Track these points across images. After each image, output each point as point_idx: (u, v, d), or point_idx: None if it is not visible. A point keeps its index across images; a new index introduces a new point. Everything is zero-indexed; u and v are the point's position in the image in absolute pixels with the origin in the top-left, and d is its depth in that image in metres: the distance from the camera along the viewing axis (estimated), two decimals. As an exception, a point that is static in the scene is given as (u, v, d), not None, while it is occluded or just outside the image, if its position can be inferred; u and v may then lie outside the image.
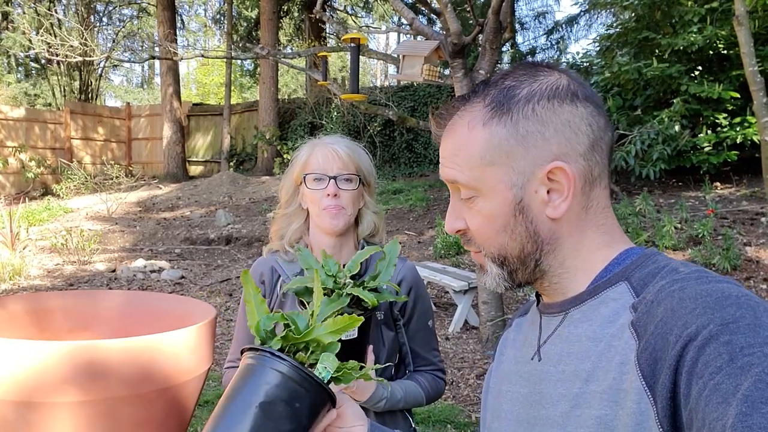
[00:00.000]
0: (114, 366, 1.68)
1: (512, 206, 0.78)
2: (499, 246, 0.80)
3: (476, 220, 0.80)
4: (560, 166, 0.75)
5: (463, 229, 0.82)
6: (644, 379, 0.64)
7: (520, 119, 0.77)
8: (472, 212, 0.81)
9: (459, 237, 0.85)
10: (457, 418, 3.54)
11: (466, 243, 0.84)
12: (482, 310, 4.65)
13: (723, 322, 0.59)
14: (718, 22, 7.23)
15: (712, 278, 0.67)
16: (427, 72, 4.04)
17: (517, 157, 0.77)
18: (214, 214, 11.05)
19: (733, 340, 0.57)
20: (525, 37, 18.98)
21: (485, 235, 0.80)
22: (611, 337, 0.71)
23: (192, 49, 21.96)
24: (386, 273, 1.22)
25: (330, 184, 1.48)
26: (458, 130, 0.81)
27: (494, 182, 0.78)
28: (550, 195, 0.77)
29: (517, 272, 0.81)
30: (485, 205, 0.79)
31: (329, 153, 1.50)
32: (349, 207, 1.51)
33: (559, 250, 0.79)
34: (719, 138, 7.23)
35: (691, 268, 0.71)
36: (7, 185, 14.63)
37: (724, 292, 0.63)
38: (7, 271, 7.08)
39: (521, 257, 0.80)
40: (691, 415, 0.58)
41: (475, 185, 0.79)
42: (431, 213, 9.22)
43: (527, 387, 0.83)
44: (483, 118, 0.79)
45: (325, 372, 0.83)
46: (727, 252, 5.20)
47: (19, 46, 18.11)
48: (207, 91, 34.11)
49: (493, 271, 0.82)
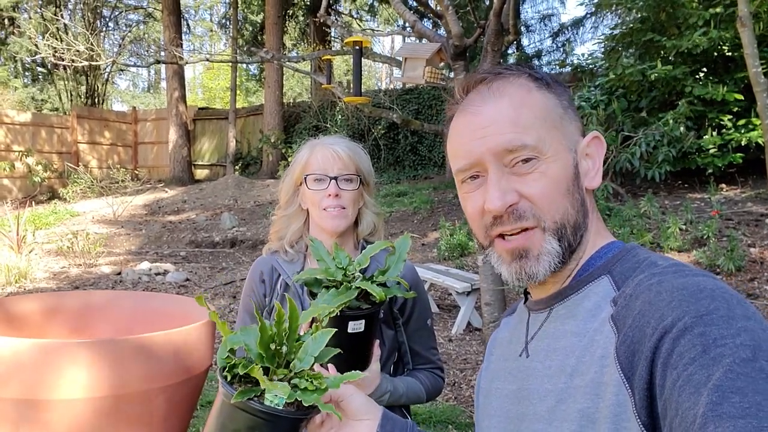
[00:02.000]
0: (117, 364, 1.69)
1: (573, 170, 0.79)
2: (563, 211, 0.77)
3: (539, 184, 0.76)
4: (598, 135, 0.80)
5: (515, 202, 0.76)
6: (622, 371, 0.65)
7: (561, 93, 0.81)
8: (531, 177, 0.76)
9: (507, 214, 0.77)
10: (459, 418, 3.54)
11: (517, 219, 0.77)
12: (485, 311, 4.64)
13: (697, 314, 0.60)
14: (722, 24, 7.22)
15: (689, 272, 0.68)
16: (429, 74, 4.05)
17: (566, 124, 0.80)
18: (219, 217, 11.08)
19: (706, 331, 0.58)
20: (531, 39, 18.98)
21: (550, 199, 0.76)
22: (594, 331, 0.72)
23: (198, 54, 22.07)
24: (395, 268, 1.22)
25: (331, 184, 1.49)
26: (514, 91, 0.79)
27: (557, 144, 0.78)
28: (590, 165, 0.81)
29: (571, 245, 0.78)
30: (551, 166, 0.76)
31: (330, 153, 1.51)
32: (349, 207, 1.51)
33: (590, 227, 0.81)
34: (724, 140, 7.21)
35: (669, 262, 0.72)
36: (14, 189, 14.72)
37: (699, 285, 0.64)
38: (13, 274, 7.13)
39: (575, 227, 0.78)
40: (666, 404, 0.59)
41: (542, 146, 0.76)
42: (435, 215, 9.22)
43: (515, 383, 0.84)
44: (534, 85, 0.81)
45: (277, 399, 0.80)
46: (731, 253, 5.18)
47: (26, 51, 18.25)
48: (212, 95, 34.25)
49: (551, 248, 0.77)
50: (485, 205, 0.77)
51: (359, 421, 0.90)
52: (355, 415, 0.90)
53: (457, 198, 0.84)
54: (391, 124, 12.96)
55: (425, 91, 13.31)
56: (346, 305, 1.13)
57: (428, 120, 13.12)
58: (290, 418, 0.82)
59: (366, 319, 1.18)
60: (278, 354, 0.85)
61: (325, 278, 1.18)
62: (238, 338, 0.85)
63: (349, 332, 1.17)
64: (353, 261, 1.21)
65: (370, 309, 1.19)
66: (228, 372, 0.83)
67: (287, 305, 0.87)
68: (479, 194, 0.79)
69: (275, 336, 0.85)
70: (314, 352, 0.86)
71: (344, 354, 0.97)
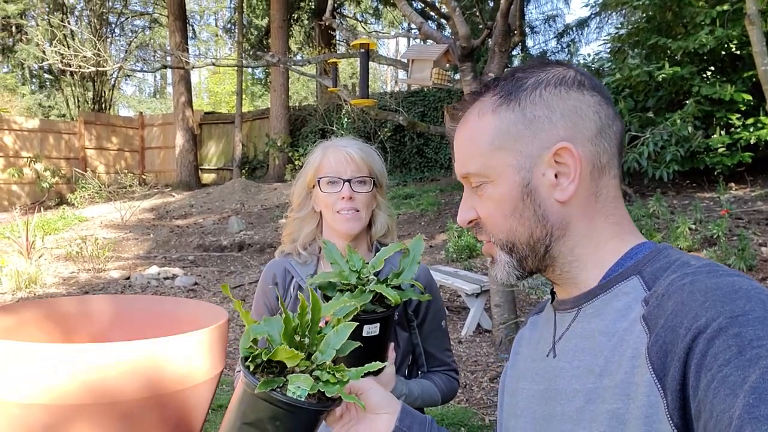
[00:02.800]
0: (129, 369, 1.69)
1: (520, 190, 0.79)
2: (508, 231, 0.80)
3: (486, 207, 0.81)
4: (565, 146, 0.76)
5: (474, 219, 0.83)
6: (654, 372, 0.64)
7: (528, 104, 0.79)
8: (482, 199, 0.82)
9: (471, 229, 0.85)
10: (471, 421, 3.52)
11: (478, 233, 0.84)
12: (495, 313, 4.63)
13: (732, 314, 0.59)
14: (729, 23, 7.18)
15: (723, 272, 0.67)
16: (437, 76, 4.05)
17: (525, 141, 0.78)
18: (226, 221, 11.11)
19: (742, 332, 0.57)
20: (535, 40, 18.96)
21: (494, 221, 0.81)
22: (623, 331, 0.71)
23: (203, 58, 22.14)
24: (410, 270, 1.20)
25: (344, 186, 1.48)
26: (469, 121, 0.83)
27: (503, 167, 0.79)
28: (558, 178, 0.78)
29: (527, 259, 0.81)
30: (494, 190, 0.80)
31: (343, 156, 1.50)
32: (363, 210, 1.51)
33: (569, 237, 0.79)
34: (733, 139, 7.17)
35: (702, 262, 0.71)
36: (23, 195, 14.81)
37: (734, 285, 0.63)
38: (23, 280, 7.16)
39: (530, 243, 0.80)
40: (700, 407, 0.58)
41: (485, 171, 0.80)
42: (442, 217, 9.21)
43: (543, 384, 0.83)
44: (492, 105, 0.81)
45: (299, 391, 0.81)
46: (742, 252, 5.14)
47: (33, 58, 18.37)
48: (218, 99, 34.37)
49: (502, 260, 0.82)
50: None
51: (378, 415, 0.90)
52: (374, 408, 0.90)
53: None
54: (397, 126, 12.97)
55: (431, 94, 13.31)
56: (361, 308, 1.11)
57: (434, 122, 13.12)
58: (311, 409, 0.83)
59: (381, 322, 1.17)
60: (301, 346, 0.86)
61: (339, 281, 1.17)
62: (261, 328, 0.86)
63: (364, 335, 1.16)
64: (367, 264, 1.20)
65: (385, 312, 1.18)
66: (251, 362, 0.84)
67: (310, 297, 0.88)
68: None
69: (298, 327, 0.86)
70: (336, 345, 0.87)
71: (359, 358, 0.97)
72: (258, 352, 0.84)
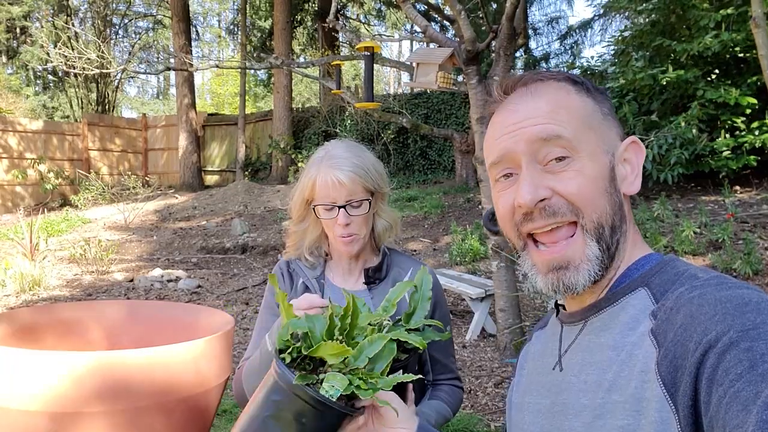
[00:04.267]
0: (136, 376, 1.69)
1: (610, 171, 0.78)
2: (601, 210, 0.76)
3: (575, 182, 0.75)
4: (636, 140, 0.79)
5: (547, 197, 0.76)
6: (665, 387, 0.63)
7: (600, 100, 0.81)
8: (567, 174, 0.75)
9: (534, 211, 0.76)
10: (476, 427, 3.51)
11: (551, 215, 0.76)
12: (499, 317, 4.62)
13: (743, 328, 0.59)
14: (734, 26, 7.16)
15: (731, 284, 0.67)
16: (442, 79, 4.04)
17: (605, 129, 0.80)
18: (229, 223, 11.11)
19: (753, 346, 0.57)
20: (538, 42, 18.99)
21: (588, 197, 0.75)
22: (632, 345, 0.70)
23: (207, 60, 22.17)
24: (422, 309, 1.13)
25: (340, 213, 1.46)
26: (553, 92, 0.80)
27: (594, 145, 0.78)
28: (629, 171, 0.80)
29: (610, 249, 0.77)
30: (587, 165, 0.76)
31: (332, 182, 1.45)
32: (361, 230, 1.50)
33: (627, 234, 0.79)
34: (737, 142, 7.15)
35: (711, 274, 0.71)
36: (26, 196, 14.84)
37: (744, 299, 0.62)
38: (27, 282, 7.16)
39: (613, 229, 0.77)
40: (712, 422, 0.57)
41: (578, 145, 0.76)
42: (446, 220, 9.20)
43: (550, 397, 0.82)
44: (574, 88, 0.81)
45: (332, 390, 0.81)
46: (748, 256, 5.12)
47: (37, 60, 18.40)
48: (221, 101, 34.42)
49: (590, 253, 0.75)
50: (515, 200, 0.77)
51: (395, 429, 0.91)
52: (394, 422, 0.91)
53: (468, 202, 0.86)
54: (401, 128, 12.97)
55: (434, 96, 13.31)
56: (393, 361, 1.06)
57: (437, 124, 13.12)
58: (338, 411, 0.83)
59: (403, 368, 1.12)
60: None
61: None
62: (302, 323, 0.87)
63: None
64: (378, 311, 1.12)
65: (408, 357, 1.12)
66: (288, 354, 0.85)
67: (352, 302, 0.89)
68: (511, 192, 0.79)
69: (339, 328, 0.86)
70: (370, 353, 0.87)
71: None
72: (296, 346, 0.84)
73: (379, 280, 1.55)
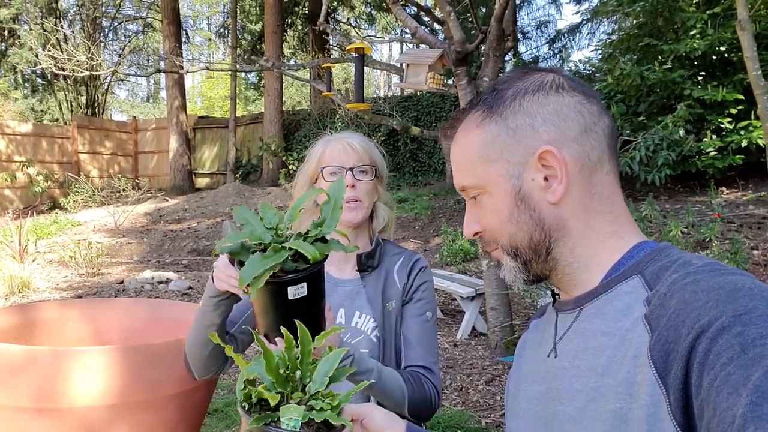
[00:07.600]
0: (127, 372, 1.70)
1: (513, 197, 0.81)
2: (508, 236, 0.83)
3: (485, 218, 0.85)
4: (547, 149, 0.78)
5: (479, 231, 0.87)
6: (657, 371, 0.64)
7: (509, 115, 0.82)
8: (482, 211, 0.85)
9: (478, 241, 0.89)
10: (467, 423, 3.53)
11: (485, 244, 0.87)
12: (490, 316, 4.65)
13: (735, 313, 0.59)
14: (721, 27, 7.25)
15: (725, 271, 0.67)
16: (432, 80, 4.07)
17: (511, 150, 0.81)
18: (220, 226, 11.09)
19: (745, 331, 0.57)
20: (527, 46, 19.09)
21: (494, 229, 0.84)
22: (625, 330, 0.71)
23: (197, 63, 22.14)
24: (332, 218, 1.05)
25: (347, 175, 1.49)
26: (459, 139, 0.88)
27: (494, 177, 0.82)
28: (547, 181, 0.79)
29: (531, 263, 0.83)
30: (490, 200, 0.83)
31: (344, 146, 1.53)
32: (365, 199, 1.52)
33: (568, 238, 0.80)
34: (724, 142, 7.22)
35: (704, 261, 0.71)
36: (15, 199, 14.73)
37: (737, 284, 0.63)
38: (16, 284, 7.12)
39: (531, 246, 0.81)
40: (703, 405, 0.58)
41: (478, 183, 0.84)
42: (436, 221, 9.23)
43: (544, 384, 0.83)
44: (476, 121, 0.85)
45: (292, 422, 0.80)
46: (735, 256, 5.18)
47: (26, 62, 18.30)
48: (212, 104, 34.32)
49: (508, 264, 0.84)
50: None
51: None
52: (379, 430, 0.91)
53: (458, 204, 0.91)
54: (391, 130, 13.00)
55: (424, 98, 13.35)
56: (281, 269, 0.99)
57: (427, 126, 13.16)
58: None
59: (307, 281, 1.04)
60: (291, 379, 0.86)
61: (253, 243, 1.01)
62: (251, 369, 0.86)
63: (290, 298, 1.03)
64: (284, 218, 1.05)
65: (308, 269, 1.03)
66: (246, 401, 0.85)
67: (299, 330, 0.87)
68: None
69: (284, 361, 0.86)
70: (328, 372, 0.87)
71: (290, 322, 0.92)
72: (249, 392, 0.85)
73: (372, 269, 1.55)
